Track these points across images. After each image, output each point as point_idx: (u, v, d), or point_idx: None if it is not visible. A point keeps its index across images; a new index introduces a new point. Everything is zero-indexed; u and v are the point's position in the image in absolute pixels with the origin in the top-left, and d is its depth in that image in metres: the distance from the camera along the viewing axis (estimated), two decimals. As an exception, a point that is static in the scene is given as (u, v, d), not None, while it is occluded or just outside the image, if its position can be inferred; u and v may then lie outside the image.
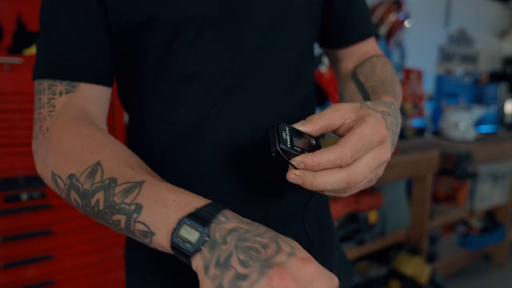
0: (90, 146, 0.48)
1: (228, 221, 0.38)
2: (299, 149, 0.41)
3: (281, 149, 0.40)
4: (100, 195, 0.44)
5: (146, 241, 0.42)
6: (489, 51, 4.38)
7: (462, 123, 2.84)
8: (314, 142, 0.44)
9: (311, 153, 0.41)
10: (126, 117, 1.35)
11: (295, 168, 0.41)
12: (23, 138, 1.26)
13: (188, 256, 0.37)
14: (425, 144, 2.53)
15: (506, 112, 4.04)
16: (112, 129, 1.39)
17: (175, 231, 0.38)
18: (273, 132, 0.40)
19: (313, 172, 0.41)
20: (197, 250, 0.37)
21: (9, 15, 1.44)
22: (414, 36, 3.36)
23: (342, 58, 0.72)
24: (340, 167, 0.41)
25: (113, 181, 0.44)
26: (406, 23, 2.90)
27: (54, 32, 0.54)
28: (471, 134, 2.84)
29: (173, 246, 0.38)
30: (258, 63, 0.58)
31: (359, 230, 1.99)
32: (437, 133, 3.08)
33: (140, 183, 0.43)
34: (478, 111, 2.88)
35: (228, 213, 0.40)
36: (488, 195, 2.76)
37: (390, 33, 2.86)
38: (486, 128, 3.43)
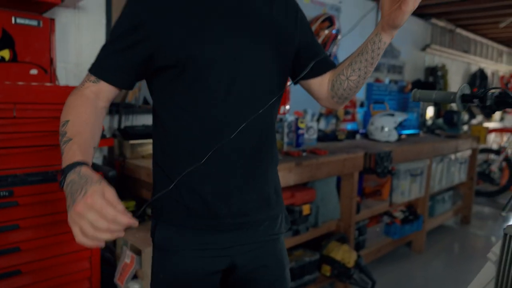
0: (74, 110, 0.88)
1: (73, 174, 0.71)
2: None
3: None
4: (60, 138, 0.83)
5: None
6: (414, 62, 4.90)
7: (386, 127, 3.23)
8: None
9: None
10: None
11: None
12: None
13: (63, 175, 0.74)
14: (354, 146, 2.88)
15: (427, 117, 4.55)
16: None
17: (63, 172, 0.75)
18: None
19: None
20: (62, 187, 0.73)
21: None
22: (347, 48, 3.74)
23: (321, 80, 1.10)
24: None
25: (63, 134, 0.83)
26: (339, 37, 3.25)
27: (111, 49, 0.91)
28: (394, 136, 3.24)
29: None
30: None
31: (295, 222, 2.27)
32: (366, 135, 3.46)
33: (70, 141, 0.80)
34: (400, 116, 3.28)
35: (77, 169, 0.72)
36: (407, 190, 3.17)
37: (324, 47, 3.19)
38: (409, 131, 3.89)
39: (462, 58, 5.88)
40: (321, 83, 1.09)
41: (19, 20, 1.72)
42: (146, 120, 2.33)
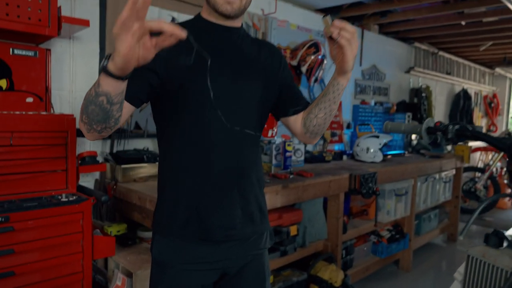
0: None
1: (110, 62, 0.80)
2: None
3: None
4: (91, 91, 0.86)
5: (102, 85, 0.83)
6: (399, 84, 5.06)
7: (371, 148, 3.34)
8: None
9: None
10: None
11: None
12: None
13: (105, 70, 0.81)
14: (340, 167, 2.97)
15: (412, 137, 4.68)
16: (67, 161, 1.62)
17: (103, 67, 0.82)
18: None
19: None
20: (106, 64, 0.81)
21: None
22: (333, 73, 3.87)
23: (296, 118, 1.26)
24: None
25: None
26: (324, 62, 3.38)
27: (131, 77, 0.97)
28: (379, 157, 3.35)
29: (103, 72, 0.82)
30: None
31: (282, 243, 2.33)
32: (353, 156, 3.55)
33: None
34: (384, 138, 3.39)
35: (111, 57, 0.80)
36: (393, 209, 3.25)
37: (311, 71, 3.32)
38: (394, 151, 4.00)
39: (445, 80, 6.07)
40: (296, 120, 1.26)
41: (16, 51, 1.80)
42: (138, 144, 2.40)
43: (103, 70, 0.80)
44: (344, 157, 3.55)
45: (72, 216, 1.59)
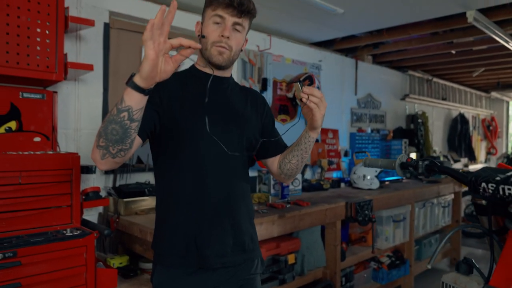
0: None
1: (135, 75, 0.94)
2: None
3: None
4: (113, 111, 0.98)
5: (126, 100, 0.96)
6: (394, 111, 5.18)
7: (368, 175, 3.42)
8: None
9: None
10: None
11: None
12: (-5, 208, 1.56)
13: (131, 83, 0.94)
14: (337, 195, 3.05)
15: (410, 163, 4.75)
16: (71, 197, 1.72)
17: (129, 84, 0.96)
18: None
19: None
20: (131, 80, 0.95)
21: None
22: (331, 102, 4.01)
23: (273, 160, 1.42)
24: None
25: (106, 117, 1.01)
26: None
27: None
28: (376, 184, 3.42)
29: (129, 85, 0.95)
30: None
31: (280, 272, 2.39)
32: (350, 183, 3.63)
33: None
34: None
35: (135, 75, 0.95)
36: (391, 235, 3.30)
37: (306, 103, 3.44)
38: (391, 177, 4.07)
39: (441, 105, 6.19)
40: (273, 162, 1.42)
41: (25, 95, 1.94)
42: (140, 178, 2.50)
43: (129, 84, 0.94)
44: (342, 184, 3.62)
45: (76, 250, 1.67)
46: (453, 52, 4.47)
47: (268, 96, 3.38)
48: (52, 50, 1.81)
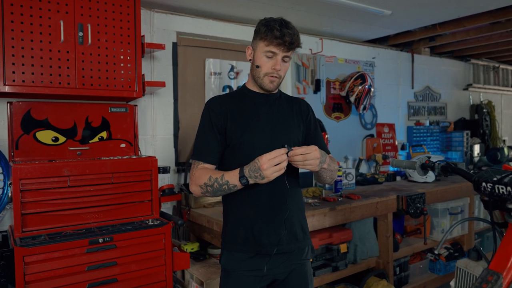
0: (207, 173, 1.43)
1: (245, 169, 1.33)
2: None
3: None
4: (216, 182, 1.38)
5: (230, 185, 1.37)
6: (456, 102, 5.07)
7: (423, 169, 3.48)
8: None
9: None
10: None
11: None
12: (94, 202, 1.98)
13: (243, 178, 1.33)
14: (390, 188, 3.18)
15: (474, 154, 4.66)
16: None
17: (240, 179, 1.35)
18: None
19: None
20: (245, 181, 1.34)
21: (80, 117, 2.22)
22: (388, 97, 4.11)
23: None
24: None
25: (215, 179, 1.39)
26: (372, 90, 3.64)
27: (204, 140, 1.46)
28: (431, 177, 3.48)
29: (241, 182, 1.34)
30: None
31: (333, 259, 2.61)
32: (406, 177, 3.71)
33: (223, 173, 1.39)
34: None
35: (243, 168, 1.34)
36: (447, 228, 3.35)
37: (359, 100, 3.59)
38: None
39: (511, 93, 5.89)
40: None
41: (113, 109, 2.36)
42: (206, 175, 2.85)
43: (242, 182, 1.32)
44: (398, 177, 3.72)
45: (156, 236, 2.05)
46: (519, 38, 4.29)
47: (322, 95, 3.58)
48: (132, 72, 2.19)
